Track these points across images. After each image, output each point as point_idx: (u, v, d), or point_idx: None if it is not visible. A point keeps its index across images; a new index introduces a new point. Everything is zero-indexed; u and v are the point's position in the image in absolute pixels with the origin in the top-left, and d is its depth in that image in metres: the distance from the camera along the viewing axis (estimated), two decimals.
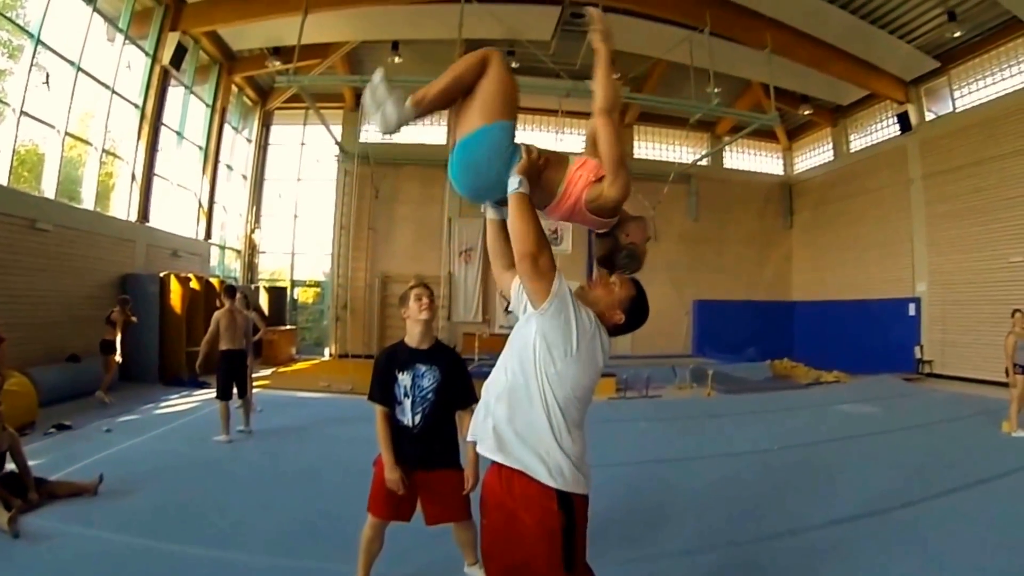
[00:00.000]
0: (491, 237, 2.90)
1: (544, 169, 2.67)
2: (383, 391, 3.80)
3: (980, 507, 6.08)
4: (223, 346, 8.62)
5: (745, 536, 5.29)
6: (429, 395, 3.76)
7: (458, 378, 3.90)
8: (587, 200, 2.66)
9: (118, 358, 11.59)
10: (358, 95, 20.79)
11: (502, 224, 2.82)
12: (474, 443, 3.74)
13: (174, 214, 17.09)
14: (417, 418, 3.73)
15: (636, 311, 2.61)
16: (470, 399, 3.87)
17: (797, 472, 7.47)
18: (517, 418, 2.42)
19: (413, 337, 3.92)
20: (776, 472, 7.48)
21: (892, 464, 7.84)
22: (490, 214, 2.85)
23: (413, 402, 3.74)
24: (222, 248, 20.84)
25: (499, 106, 2.67)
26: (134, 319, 12.01)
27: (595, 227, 2.86)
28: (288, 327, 21.03)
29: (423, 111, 2.76)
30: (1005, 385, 10.22)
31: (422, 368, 3.79)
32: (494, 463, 2.50)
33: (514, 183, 2.50)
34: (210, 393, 11.80)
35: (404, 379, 3.76)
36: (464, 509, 3.80)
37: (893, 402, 13.37)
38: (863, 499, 6.23)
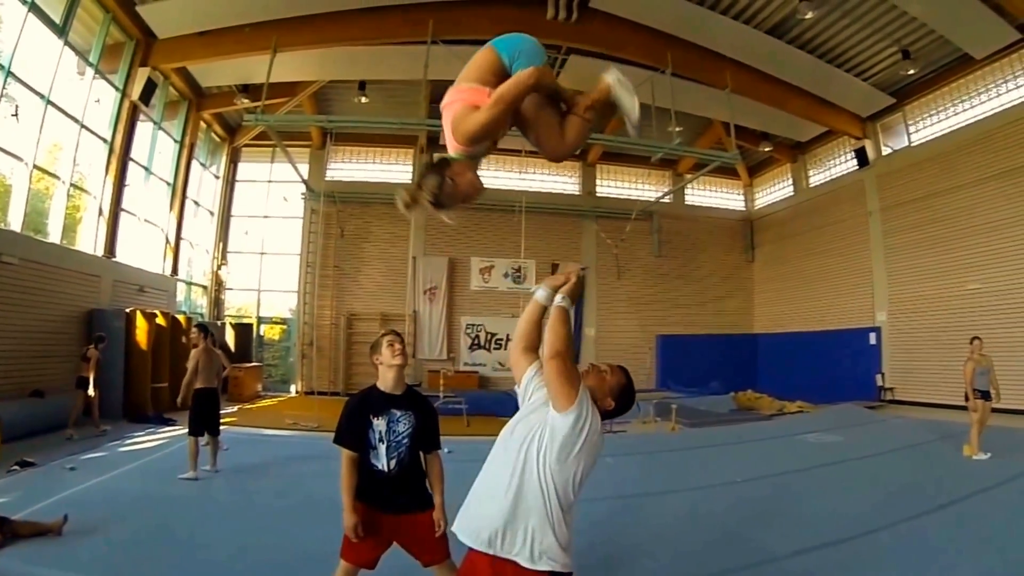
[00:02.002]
0: (527, 316, 2.93)
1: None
2: (355, 436, 3.76)
3: (943, 531, 6.21)
4: (199, 384, 8.63)
5: (713, 569, 5.34)
6: (404, 440, 3.76)
7: (430, 424, 3.92)
8: (455, 116, 2.78)
9: (91, 392, 11.50)
10: (325, 134, 20.98)
11: (543, 310, 2.86)
12: (442, 485, 3.77)
13: (141, 249, 16.97)
14: (392, 463, 3.72)
15: (625, 397, 2.74)
16: (437, 443, 3.94)
17: (763, 503, 7.55)
18: (515, 509, 2.45)
19: (386, 382, 3.89)
20: (742, 504, 7.54)
21: (856, 492, 7.99)
22: (539, 296, 2.88)
23: (388, 447, 3.73)
24: (189, 284, 20.70)
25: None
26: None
27: (449, 147, 2.90)
28: (254, 364, 20.85)
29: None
30: (965, 409, 10.45)
31: (397, 413, 3.79)
32: (481, 553, 2.51)
33: (559, 300, 2.72)
34: (176, 430, 11.76)
35: (379, 424, 3.74)
36: (444, 550, 3.73)
37: (856, 430, 13.61)
38: (828, 528, 6.32)
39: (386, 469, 3.71)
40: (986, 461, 9.59)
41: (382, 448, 3.72)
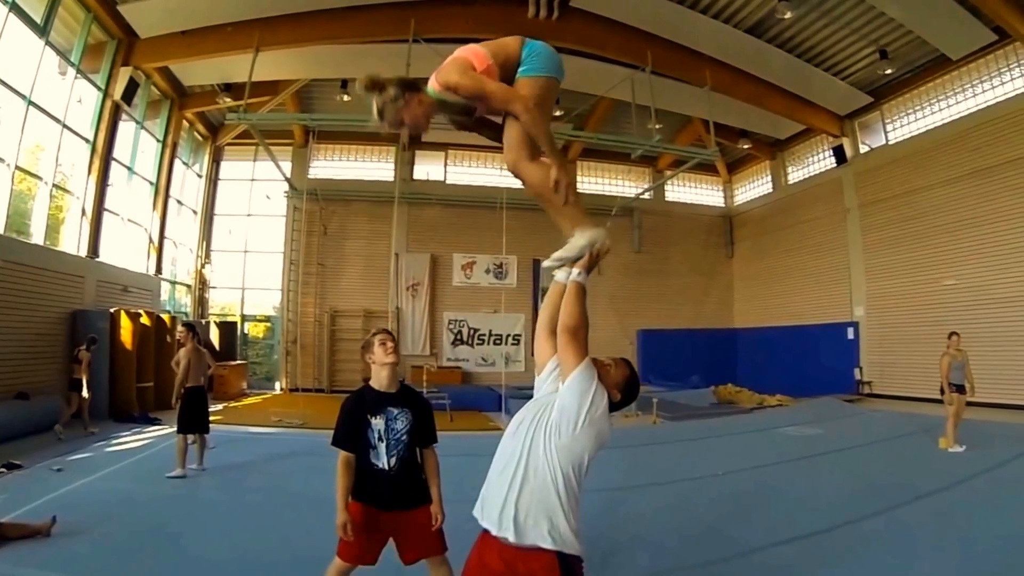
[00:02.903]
0: (550, 300, 3.03)
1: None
2: (353, 437, 3.74)
3: (920, 522, 6.35)
4: (188, 383, 8.68)
5: (695, 560, 5.41)
6: (403, 437, 3.76)
7: (427, 419, 3.92)
8: (451, 61, 2.91)
9: (85, 394, 11.64)
10: (307, 132, 21.05)
11: (564, 289, 2.94)
12: (438, 479, 3.83)
13: (124, 249, 16.91)
14: (392, 460, 3.72)
15: (630, 389, 2.86)
16: (434, 437, 3.95)
17: (744, 496, 7.69)
18: (529, 496, 2.52)
19: (381, 381, 3.88)
20: (724, 496, 7.69)
21: (835, 484, 8.17)
22: (559, 276, 2.99)
23: (388, 445, 3.72)
24: (172, 283, 20.65)
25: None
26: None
27: (430, 81, 2.96)
28: (239, 362, 20.92)
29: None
30: (941, 403, 10.65)
31: (394, 411, 3.78)
32: (494, 537, 2.56)
33: (576, 274, 2.84)
34: (162, 429, 11.82)
35: (377, 423, 3.73)
36: (441, 544, 3.77)
37: (835, 423, 13.82)
38: (807, 520, 6.45)
39: (387, 467, 3.72)
40: (962, 453, 9.78)
41: (382, 447, 3.72)
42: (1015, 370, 14.92)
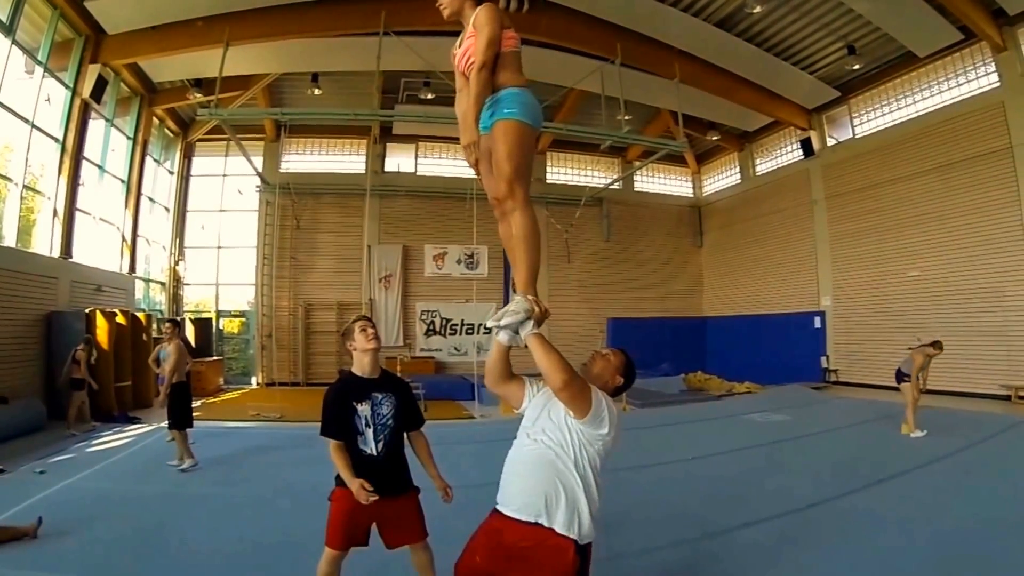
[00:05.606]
0: (494, 357, 3.14)
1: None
2: (340, 424, 3.76)
3: (882, 504, 6.60)
4: (176, 379, 8.79)
5: (667, 540, 5.62)
6: (389, 422, 3.82)
7: (410, 402, 4.03)
8: (498, 15, 3.05)
9: (95, 386, 12.08)
10: (279, 126, 21.02)
11: (507, 349, 3.07)
12: (432, 458, 4.01)
13: (97, 248, 16.76)
14: (380, 446, 3.76)
15: (630, 371, 3.16)
16: (421, 419, 4.07)
17: (712, 479, 7.90)
18: (557, 488, 2.78)
19: (363, 368, 3.93)
20: (693, 480, 7.91)
21: (801, 468, 8.44)
22: (503, 339, 2.99)
23: (375, 431, 3.76)
24: (147, 281, 20.51)
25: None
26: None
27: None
28: (215, 358, 20.91)
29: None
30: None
31: (379, 396, 3.84)
32: (509, 517, 2.83)
33: (528, 327, 2.86)
34: (142, 428, 11.90)
35: (364, 410, 3.77)
36: (423, 530, 3.86)
37: (802, 410, 14.11)
38: (774, 502, 6.67)
39: (375, 453, 3.76)
40: (923, 439, 10.10)
41: (369, 433, 3.76)
42: (974, 359, 15.38)
